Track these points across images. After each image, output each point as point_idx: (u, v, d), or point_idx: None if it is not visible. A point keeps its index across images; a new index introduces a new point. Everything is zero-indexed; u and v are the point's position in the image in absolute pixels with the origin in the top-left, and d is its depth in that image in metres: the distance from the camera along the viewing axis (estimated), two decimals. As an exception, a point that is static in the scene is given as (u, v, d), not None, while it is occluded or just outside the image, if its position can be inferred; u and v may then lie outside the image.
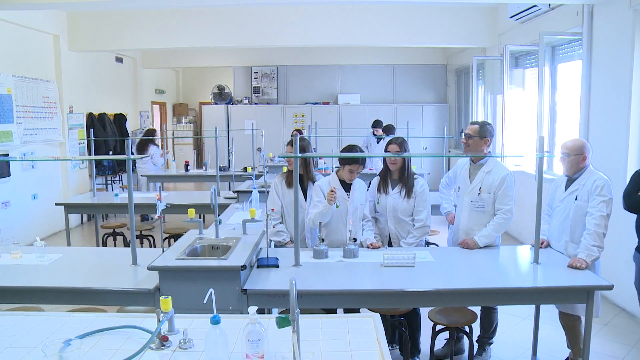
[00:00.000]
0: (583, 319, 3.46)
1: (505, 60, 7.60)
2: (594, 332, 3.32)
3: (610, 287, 3.14)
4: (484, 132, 4.00)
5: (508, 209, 3.90)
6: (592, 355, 3.29)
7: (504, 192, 3.90)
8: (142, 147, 9.25)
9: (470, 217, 4.04)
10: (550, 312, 4.17)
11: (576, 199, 3.63)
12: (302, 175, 4.27)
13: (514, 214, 3.95)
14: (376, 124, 9.92)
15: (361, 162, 4.02)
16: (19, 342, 2.26)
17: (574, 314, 3.68)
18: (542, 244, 3.75)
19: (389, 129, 9.36)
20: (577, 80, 6.03)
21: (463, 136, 4.11)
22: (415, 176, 4.16)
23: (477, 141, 4.01)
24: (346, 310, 3.75)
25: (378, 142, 9.42)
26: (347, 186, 4.10)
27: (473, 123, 4.09)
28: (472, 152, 4.04)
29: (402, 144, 4.19)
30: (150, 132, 9.63)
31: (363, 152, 4.20)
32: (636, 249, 3.75)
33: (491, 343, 4.21)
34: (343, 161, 4.05)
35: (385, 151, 4.24)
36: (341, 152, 4.26)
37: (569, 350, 3.86)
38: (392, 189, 4.13)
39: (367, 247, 3.93)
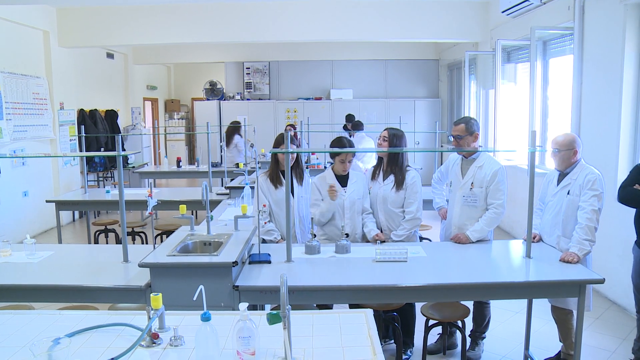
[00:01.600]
0: (575, 312, 3.47)
1: (497, 55, 7.60)
2: (585, 326, 3.34)
3: (602, 281, 3.15)
4: (471, 127, 4.01)
5: (500, 204, 3.91)
6: (583, 349, 3.30)
7: (495, 187, 3.91)
8: (229, 137, 9.65)
9: (462, 212, 4.04)
10: (542, 306, 4.18)
11: (568, 193, 3.63)
12: (283, 172, 4.22)
13: (505, 208, 3.95)
14: (348, 118, 9.93)
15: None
16: (8, 341, 2.24)
17: (566, 307, 3.69)
18: (534, 238, 3.76)
19: (357, 125, 9.29)
20: (569, 75, 6.04)
21: (452, 139, 4.09)
22: (407, 168, 4.16)
23: (467, 138, 4.01)
24: (320, 307, 3.75)
25: (351, 137, 9.35)
26: (344, 181, 4.09)
27: (457, 123, 4.08)
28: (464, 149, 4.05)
29: (393, 135, 4.16)
30: (236, 123, 9.88)
31: (352, 144, 4.18)
32: (636, 243, 3.74)
33: (484, 337, 4.21)
34: (333, 154, 4.05)
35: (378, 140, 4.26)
36: (330, 146, 4.24)
37: (561, 344, 3.88)
38: (384, 180, 4.12)
39: (374, 239, 3.93)
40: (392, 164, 4.12)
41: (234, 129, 9.69)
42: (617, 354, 4.19)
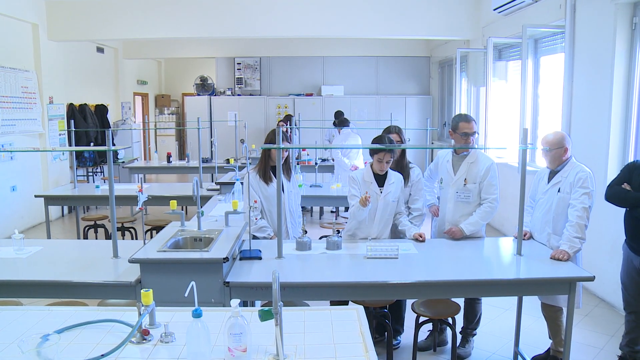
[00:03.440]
0: (565, 310, 3.49)
1: (488, 52, 7.62)
2: (574, 323, 3.35)
3: (592, 279, 3.17)
4: (476, 125, 4.07)
5: (494, 198, 3.94)
6: (573, 345, 3.31)
7: (489, 182, 3.94)
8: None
9: (455, 208, 4.04)
10: (532, 304, 4.21)
11: (559, 191, 3.65)
12: (274, 168, 4.17)
13: (499, 202, 3.99)
14: (337, 115, 9.94)
15: (389, 149, 3.89)
16: (-4, 337, 2.21)
17: (556, 305, 3.71)
18: (524, 235, 3.77)
19: (343, 122, 9.26)
20: (560, 73, 6.07)
21: (466, 136, 4.01)
22: (410, 165, 4.17)
23: (474, 136, 4.04)
24: (332, 303, 3.74)
25: (340, 133, 9.33)
26: (381, 180, 3.98)
27: (470, 120, 4.04)
28: (456, 145, 4.05)
29: (400, 132, 4.25)
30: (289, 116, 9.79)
31: (393, 142, 4.05)
32: (625, 242, 3.77)
33: (474, 334, 4.23)
34: (372, 151, 3.95)
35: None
36: (372, 142, 4.17)
37: (551, 341, 3.90)
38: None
39: (415, 237, 3.87)
40: (401, 161, 4.15)
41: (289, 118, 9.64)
42: (605, 350, 4.22)
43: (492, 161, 4.00)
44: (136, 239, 6.81)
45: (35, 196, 6.59)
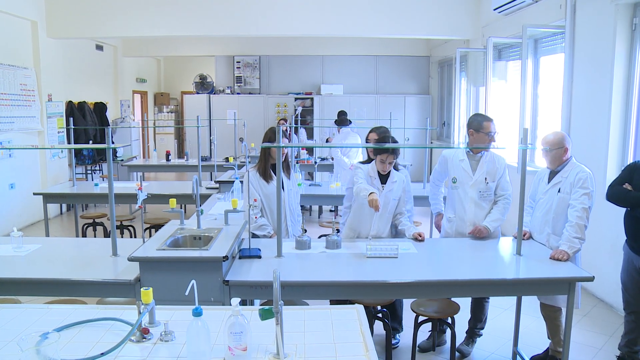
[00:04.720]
0: (564, 310, 3.49)
1: (488, 52, 7.61)
2: (573, 323, 3.35)
3: (591, 279, 3.17)
4: None
5: (510, 194, 4.05)
6: (571, 345, 3.31)
7: (504, 178, 4.06)
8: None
9: (477, 208, 4.04)
10: (531, 304, 4.20)
11: (559, 191, 3.65)
12: (274, 166, 4.17)
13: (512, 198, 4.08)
14: (340, 115, 9.92)
15: (391, 151, 3.89)
16: (-5, 335, 2.21)
17: (555, 305, 3.71)
18: (524, 235, 3.77)
19: (343, 121, 9.21)
20: (560, 73, 6.06)
21: (491, 135, 4.06)
22: (399, 166, 4.17)
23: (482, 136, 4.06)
24: (332, 302, 3.73)
25: (339, 132, 9.28)
26: (384, 178, 4.02)
27: (490, 120, 4.10)
28: (474, 145, 4.05)
29: (383, 133, 4.29)
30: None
31: (397, 142, 4.08)
32: (626, 242, 3.77)
33: (480, 335, 4.22)
34: (375, 151, 4.00)
35: (366, 141, 4.24)
36: (375, 142, 4.20)
37: (550, 341, 3.90)
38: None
39: (415, 237, 3.89)
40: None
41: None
42: (603, 350, 4.22)
43: (504, 158, 4.12)
44: (135, 237, 6.79)
45: (34, 194, 6.57)
